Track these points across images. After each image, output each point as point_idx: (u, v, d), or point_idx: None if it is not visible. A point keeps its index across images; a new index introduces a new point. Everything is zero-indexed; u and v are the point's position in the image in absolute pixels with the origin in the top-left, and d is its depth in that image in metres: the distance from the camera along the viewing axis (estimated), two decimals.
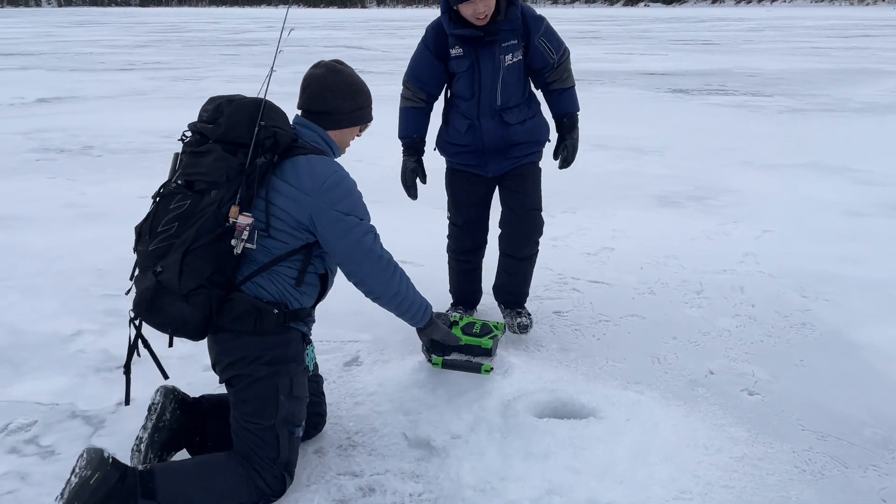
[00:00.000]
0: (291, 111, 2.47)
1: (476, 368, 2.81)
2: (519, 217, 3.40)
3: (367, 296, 2.45)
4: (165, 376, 2.45)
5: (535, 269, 3.61)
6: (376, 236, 2.38)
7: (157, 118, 9.70)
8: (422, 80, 3.32)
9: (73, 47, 22.16)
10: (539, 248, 3.53)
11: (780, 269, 4.37)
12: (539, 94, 3.46)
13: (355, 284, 2.42)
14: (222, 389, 2.48)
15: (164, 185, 2.29)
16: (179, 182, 2.26)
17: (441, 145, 3.47)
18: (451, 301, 3.78)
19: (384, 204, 5.95)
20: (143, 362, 3.28)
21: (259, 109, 2.26)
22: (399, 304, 2.46)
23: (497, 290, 3.63)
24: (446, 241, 3.71)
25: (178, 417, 2.42)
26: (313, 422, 2.61)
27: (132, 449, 2.38)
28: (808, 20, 41.71)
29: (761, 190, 6.27)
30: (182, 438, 2.46)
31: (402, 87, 3.40)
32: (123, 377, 2.40)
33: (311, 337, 2.53)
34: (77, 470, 2.10)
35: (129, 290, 2.28)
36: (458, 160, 3.44)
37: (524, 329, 3.47)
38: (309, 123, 2.45)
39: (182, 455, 2.49)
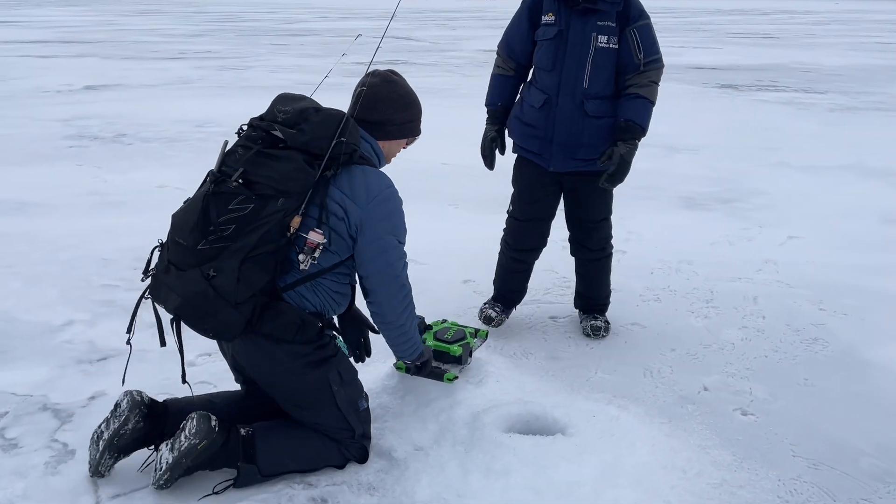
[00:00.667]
0: (340, 104, 2.45)
1: (439, 376, 2.70)
2: (588, 230, 3.33)
3: (372, 317, 2.47)
4: (184, 380, 2.43)
5: (539, 272, 3.62)
6: (406, 264, 2.41)
7: (194, 107, 9.80)
8: (512, 48, 3.20)
9: (131, 36, 22.57)
10: (612, 251, 3.48)
11: (800, 278, 4.13)
12: None
13: (368, 303, 2.43)
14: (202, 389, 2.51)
15: (213, 178, 2.20)
16: (240, 181, 2.17)
17: (510, 123, 3.30)
18: (492, 294, 3.65)
19: (403, 198, 5.91)
20: (120, 356, 3.29)
21: (340, 123, 2.24)
22: (398, 336, 2.49)
23: (575, 297, 3.58)
24: (501, 232, 3.59)
25: (139, 428, 2.36)
26: None
27: (91, 438, 2.38)
28: (878, 14, 39.97)
29: (795, 192, 5.97)
30: (141, 442, 2.42)
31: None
32: (101, 371, 2.57)
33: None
34: (187, 434, 2.23)
35: (148, 276, 2.27)
36: (523, 143, 3.23)
37: (596, 332, 3.39)
38: (364, 133, 2.42)
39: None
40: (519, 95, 3.29)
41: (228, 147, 2.30)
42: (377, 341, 3.31)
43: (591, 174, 3.13)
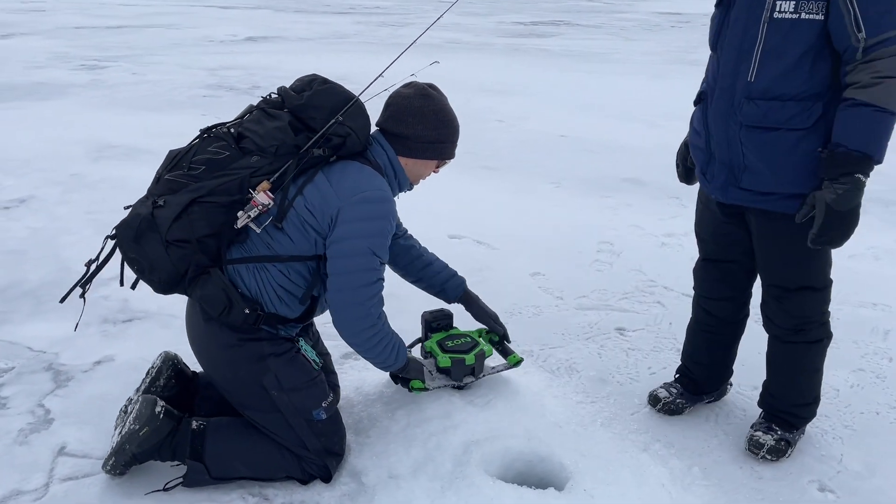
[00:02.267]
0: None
1: (458, 385, 2.37)
2: (776, 297, 2.24)
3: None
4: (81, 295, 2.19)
5: (624, 271, 3.00)
6: (377, 282, 2.08)
7: (335, 63, 9.79)
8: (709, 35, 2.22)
9: None
10: (822, 337, 2.29)
11: None
12: None
13: (335, 324, 2.14)
14: None
15: (216, 125, 2.16)
16: (231, 130, 2.12)
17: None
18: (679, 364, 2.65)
19: (497, 171, 5.48)
20: (146, 319, 3.18)
21: (346, 103, 2.08)
22: (362, 353, 2.20)
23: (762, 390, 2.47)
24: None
25: (171, 386, 2.28)
26: None
27: (120, 409, 2.25)
28: None
29: None
30: (172, 406, 2.24)
31: None
32: (121, 333, 2.52)
33: (296, 334, 2.25)
34: (129, 419, 2.08)
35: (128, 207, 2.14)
36: (692, 153, 2.32)
37: (756, 449, 2.31)
38: (383, 142, 2.21)
39: None
40: None
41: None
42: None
43: (778, 215, 2.10)
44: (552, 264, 3.72)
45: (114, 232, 2.04)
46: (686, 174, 2.44)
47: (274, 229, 2.05)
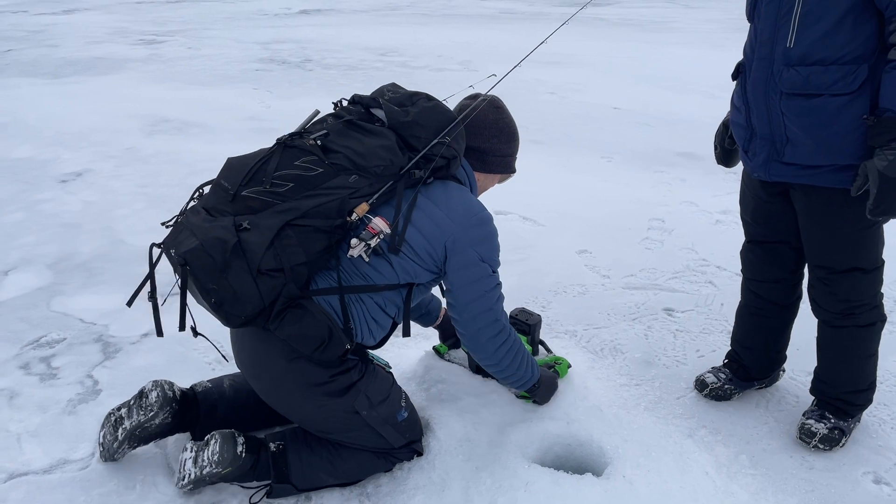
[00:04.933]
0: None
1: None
2: (822, 279, 2.13)
3: (466, 347, 2.12)
4: (182, 327, 1.93)
5: (675, 249, 2.91)
6: (500, 296, 2.04)
7: (386, 35, 9.74)
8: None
9: None
10: (875, 321, 2.16)
11: None
12: None
13: (459, 335, 2.07)
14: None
15: (292, 135, 1.95)
16: (319, 143, 1.91)
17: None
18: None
19: (545, 145, 5.35)
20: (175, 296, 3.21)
21: (450, 123, 1.99)
22: (497, 373, 2.13)
23: (813, 376, 2.34)
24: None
25: (166, 423, 2.10)
26: None
27: (106, 418, 2.12)
28: None
29: None
30: (167, 433, 2.16)
31: None
32: (167, 308, 2.02)
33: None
34: (210, 457, 1.93)
35: (171, 221, 1.94)
36: (734, 131, 2.22)
37: (808, 438, 2.20)
38: (462, 160, 2.11)
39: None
40: None
41: (319, 116, 2.05)
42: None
43: (825, 191, 1.99)
44: (600, 242, 3.63)
45: (179, 258, 1.76)
46: (724, 156, 2.33)
47: (375, 257, 1.90)
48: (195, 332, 1.96)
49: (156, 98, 6.61)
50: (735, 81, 2.18)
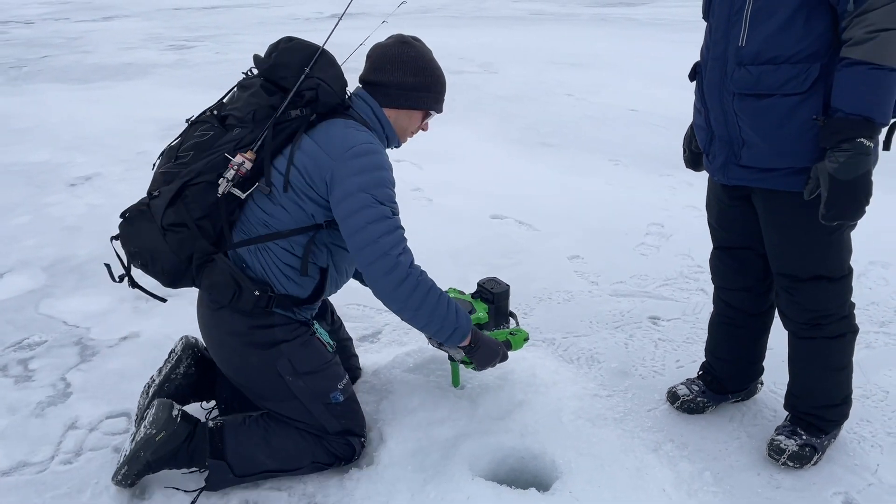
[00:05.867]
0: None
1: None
2: (786, 288, 2.03)
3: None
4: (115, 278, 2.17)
5: (670, 255, 2.83)
6: (393, 230, 1.92)
7: None
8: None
9: None
10: (845, 332, 2.06)
11: None
12: None
13: (371, 288, 1.98)
14: None
15: (203, 112, 2.15)
16: (214, 112, 2.10)
17: None
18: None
19: (554, 148, 5.26)
20: (177, 297, 3.23)
21: (312, 57, 2.04)
22: (410, 319, 1.97)
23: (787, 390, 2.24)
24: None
25: (191, 374, 2.27)
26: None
27: (143, 389, 2.28)
28: None
29: None
30: (191, 392, 2.30)
31: None
32: (151, 311, 2.52)
33: (312, 317, 2.19)
34: (144, 424, 2.02)
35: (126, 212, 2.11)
36: (696, 132, 2.16)
37: (776, 455, 2.11)
38: (366, 95, 2.14)
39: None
40: None
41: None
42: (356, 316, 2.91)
43: (783, 195, 1.91)
44: (594, 247, 3.55)
45: (118, 232, 2.06)
46: (692, 159, 2.25)
47: (270, 205, 1.99)
48: (132, 284, 2.13)
49: (176, 102, 6.70)
50: (692, 82, 2.10)
